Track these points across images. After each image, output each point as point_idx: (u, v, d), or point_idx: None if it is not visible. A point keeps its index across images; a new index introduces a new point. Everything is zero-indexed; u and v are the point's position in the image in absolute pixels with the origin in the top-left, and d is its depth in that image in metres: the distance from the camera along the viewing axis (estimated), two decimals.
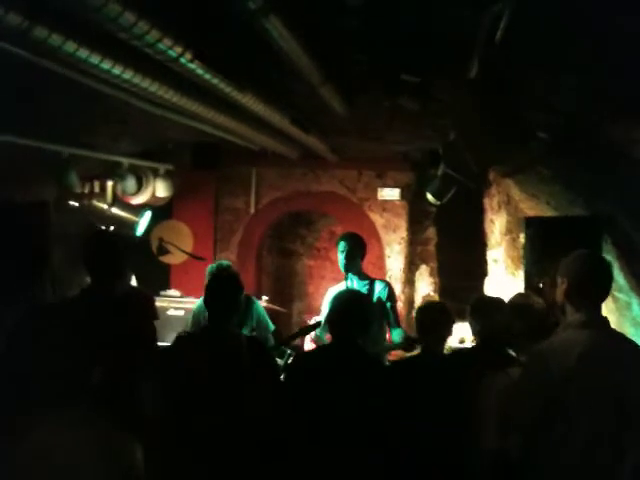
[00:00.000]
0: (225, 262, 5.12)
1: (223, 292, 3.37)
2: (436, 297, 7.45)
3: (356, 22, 2.63)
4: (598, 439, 2.35)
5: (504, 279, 6.15)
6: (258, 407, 3.15)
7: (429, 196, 6.06)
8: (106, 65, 2.96)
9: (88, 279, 3.22)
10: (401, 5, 2.34)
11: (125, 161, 5.50)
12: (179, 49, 2.79)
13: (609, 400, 2.36)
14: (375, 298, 4.48)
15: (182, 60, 2.88)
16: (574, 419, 2.37)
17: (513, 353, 3.03)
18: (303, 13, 2.61)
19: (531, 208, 5.29)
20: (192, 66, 2.98)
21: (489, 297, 3.78)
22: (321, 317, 4.77)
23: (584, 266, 2.52)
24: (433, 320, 3.32)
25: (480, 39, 2.15)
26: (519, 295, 3.15)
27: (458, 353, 3.90)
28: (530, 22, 2.01)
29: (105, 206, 5.67)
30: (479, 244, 7.09)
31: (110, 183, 5.70)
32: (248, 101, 3.72)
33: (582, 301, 2.48)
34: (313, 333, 4.73)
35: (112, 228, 5.59)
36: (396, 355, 4.85)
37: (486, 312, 3.24)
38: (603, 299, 2.55)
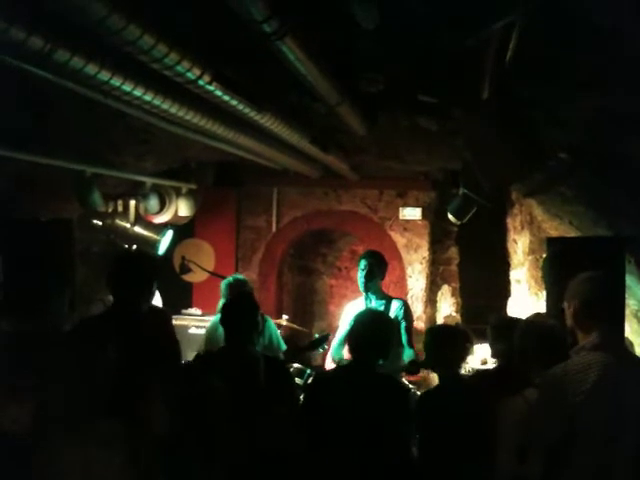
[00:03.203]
0: (241, 276, 5.15)
1: (240, 311, 3.39)
2: (458, 317, 7.38)
3: (371, 43, 2.65)
4: (613, 462, 2.30)
5: (527, 300, 6.07)
6: (275, 427, 3.15)
7: (450, 216, 6.03)
8: (127, 87, 3.01)
9: (110, 297, 3.26)
10: (414, 26, 2.36)
11: (148, 180, 5.57)
12: (198, 71, 2.83)
13: (623, 422, 2.32)
14: (391, 317, 4.45)
15: (201, 82, 2.91)
16: (590, 442, 2.33)
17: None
18: (319, 35, 2.63)
19: (554, 228, 5.23)
20: (211, 88, 3.02)
21: (509, 317, 3.73)
22: (338, 333, 4.76)
23: (591, 288, 2.49)
24: (443, 346, 3.29)
25: (491, 58, 2.15)
26: (535, 315, 3.11)
27: (477, 377, 3.84)
28: (541, 39, 2.00)
29: (128, 225, 5.74)
30: (502, 264, 7.02)
31: (133, 202, 5.77)
32: (267, 121, 3.75)
33: (592, 323, 2.44)
34: (331, 353, 4.72)
35: (134, 247, 5.65)
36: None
37: (505, 333, 3.20)
38: (615, 320, 2.51)
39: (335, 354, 4.70)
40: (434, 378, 5.04)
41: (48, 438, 2.07)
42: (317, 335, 4.96)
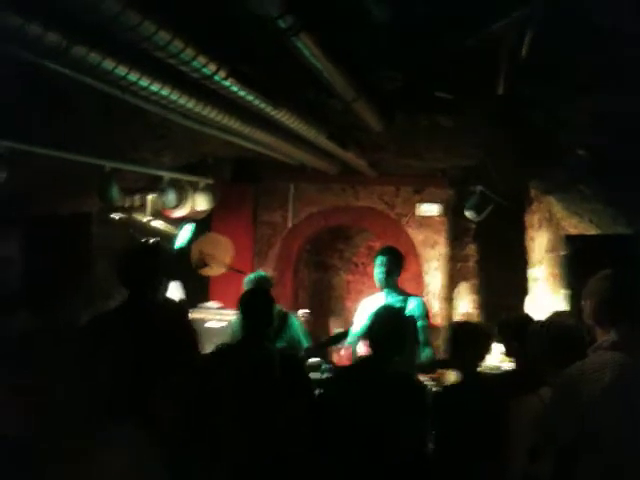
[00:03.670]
0: (263, 273, 5.15)
1: (254, 306, 3.39)
2: (476, 314, 7.33)
3: (386, 38, 2.63)
4: (623, 463, 2.27)
5: (546, 297, 6.02)
6: (288, 421, 3.15)
7: (468, 212, 6.00)
8: (145, 82, 3.02)
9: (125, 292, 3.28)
10: (428, 21, 2.34)
11: (166, 175, 5.59)
12: (213, 67, 2.83)
13: (636, 423, 2.28)
14: (408, 314, 4.43)
15: (216, 78, 2.92)
16: (601, 442, 2.30)
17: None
18: (334, 30, 2.62)
19: (574, 226, 5.18)
20: (226, 83, 3.02)
21: (517, 317, 3.70)
22: (353, 329, 4.75)
23: (610, 286, 2.45)
24: (463, 343, 3.27)
25: (506, 55, 2.13)
26: (555, 314, 3.08)
27: (495, 375, 3.82)
28: (556, 38, 1.97)
29: (146, 219, 5.77)
30: (520, 261, 6.95)
31: (151, 196, 5.80)
32: (283, 116, 3.75)
33: (610, 322, 2.41)
34: (347, 345, 4.71)
35: (152, 240, 5.68)
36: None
37: (506, 331, 3.18)
38: (633, 319, 2.46)
39: (352, 351, 4.71)
40: (451, 376, 5.02)
41: (53, 438, 2.08)
42: (336, 331, 4.97)
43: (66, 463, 1.99)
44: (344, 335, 4.62)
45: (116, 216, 5.51)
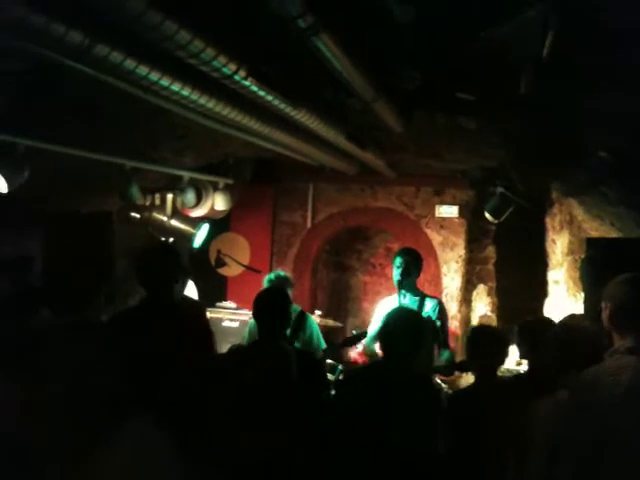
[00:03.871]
0: (282, 273, 5.16)
1: (269, 305, 3.39)
2: (493, 317, 7.28)
3: (408, 38, 2.62)
4: None
5: (565, 301, 5.96)
6: (304, 422, 3.15)
7: (488, 214, 5.97)
8: (165, 82, 3.05)
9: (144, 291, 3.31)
10: (450, 21, 2.33)
11: (185, 174, 5.63)
12: (233, 66, 2.85)
13: None
14: (425, 316, 4.40)
15: (236, 77, 2.93)
16: (619, 446, 2.28)
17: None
18: (354, 30, 2.62)
19: (595, 229, 5.13)
20: (246, 83, 3.03)
21: (536, 320, 3.67)
22: (371, 329, 4.74)
23: (628, 290, 2.43)
24: (483, 348, 3.25)
25: (528, 55, 2.11)
26: (570, 317, 3.05)
27: (510, 378, 3.79)
28: (577, 38, 1.96)
29: (165, 218, 5.81)
30: (540, 264, 6.90)
31: (170, 196, 5.83)
32: (303, 117, 3.75)
33: (627, 326, 2.39)
34: (363, 344, 4.70)
35: (171, 240, 5.72)
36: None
37: (527, 335, 3.15)
38: None
39: (368, 349, 4.70)
40: (469, 379, 4.98)
41: (62, 438, 2.07)
42: (354, 332, 4.96)
43: (79, 463, 2.00)
44: (360, 337, 4.61)
45: (136, 215, 5.54)
